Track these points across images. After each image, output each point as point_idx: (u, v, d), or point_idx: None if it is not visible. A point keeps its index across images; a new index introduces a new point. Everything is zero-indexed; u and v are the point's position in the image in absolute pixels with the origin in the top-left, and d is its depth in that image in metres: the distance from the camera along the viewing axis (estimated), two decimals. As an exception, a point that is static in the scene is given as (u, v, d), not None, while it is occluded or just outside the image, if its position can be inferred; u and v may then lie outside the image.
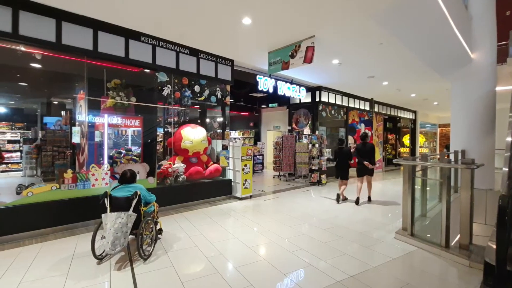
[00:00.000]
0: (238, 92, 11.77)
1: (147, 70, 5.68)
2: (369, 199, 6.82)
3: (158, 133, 6.30)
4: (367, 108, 12.62)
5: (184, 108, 6.43)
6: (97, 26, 4.73)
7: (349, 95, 11.47)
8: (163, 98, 5.96)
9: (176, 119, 6.45)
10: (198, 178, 6.43)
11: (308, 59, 5.54)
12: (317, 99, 10.16)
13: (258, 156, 12.20)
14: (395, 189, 8.72)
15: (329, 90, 10.47)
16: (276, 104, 13.40)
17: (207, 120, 7.92)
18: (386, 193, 8.20)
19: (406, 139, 17.16)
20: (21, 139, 9.08)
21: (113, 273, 3.12)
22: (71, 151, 5.64)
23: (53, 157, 6.96)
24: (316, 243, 4.11)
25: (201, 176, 6.49)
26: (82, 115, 4.91)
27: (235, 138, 13.62)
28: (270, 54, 6.43)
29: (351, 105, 11.67)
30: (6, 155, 8.78)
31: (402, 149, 16.85)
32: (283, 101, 12.30)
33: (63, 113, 6.28)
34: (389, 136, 16.22)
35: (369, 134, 7.81)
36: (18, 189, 4.15)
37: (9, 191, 4.36)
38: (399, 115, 15.67)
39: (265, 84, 7.49)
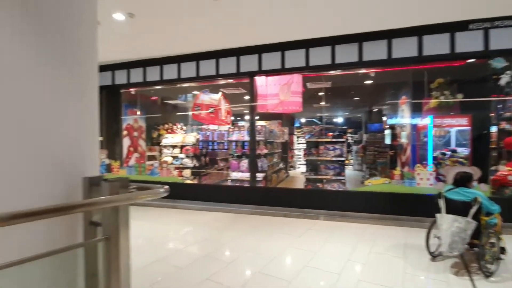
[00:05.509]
0: None
1: (472, 60, 4.97)
2: None
3: (491, 131, 5.28)
4: None
5: (533, 98, 4.79)
6: (420, 32, 4.92)
7: None
8: (499, 89, 4.86)
9: (518, 113, 4.98)
10: None
11: None
12: None
13: None
14: None
15: None
16: None
17: None
18: None
19: None
20: (352, 141, 11.86)
21: (450, 276, 3.09)
22: (393, 151, 6.38)
23: (374, 156, 8.35)
24: None
25: None
26: (405, 118, 5.36)
27: None
28: None
29: None
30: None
31: None
32: None
33: (384, 118, 7.30)
34: None
35: None
36: (362, 179, 5.46)
37: (350, 180, 5.79)
38: None
39: None
